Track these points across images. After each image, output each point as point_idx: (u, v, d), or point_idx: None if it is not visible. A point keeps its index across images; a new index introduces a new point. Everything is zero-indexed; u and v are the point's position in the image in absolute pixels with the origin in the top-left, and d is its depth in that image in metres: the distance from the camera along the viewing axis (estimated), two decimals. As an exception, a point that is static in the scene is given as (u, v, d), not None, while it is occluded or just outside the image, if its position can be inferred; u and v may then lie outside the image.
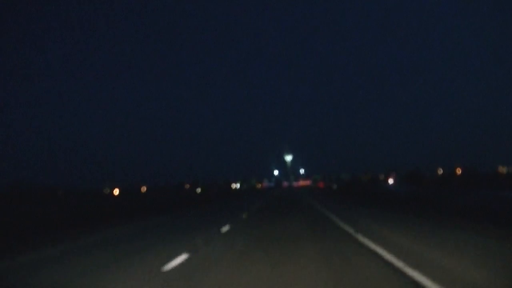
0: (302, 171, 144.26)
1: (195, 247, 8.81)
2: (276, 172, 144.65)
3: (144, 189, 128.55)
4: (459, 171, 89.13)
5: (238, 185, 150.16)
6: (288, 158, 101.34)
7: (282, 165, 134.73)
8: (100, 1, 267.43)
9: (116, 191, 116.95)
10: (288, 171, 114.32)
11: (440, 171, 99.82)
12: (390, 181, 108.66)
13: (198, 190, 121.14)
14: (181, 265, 6.82)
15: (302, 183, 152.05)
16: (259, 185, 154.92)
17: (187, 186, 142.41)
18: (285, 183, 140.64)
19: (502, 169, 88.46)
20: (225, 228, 12.62)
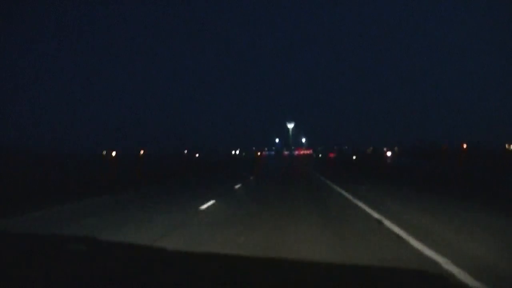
0: (303, 140, 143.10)
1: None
2: (277, 140, 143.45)
3: (142, 152, 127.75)
4: (464, 147, 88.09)
5: (237, 152, 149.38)
6: (290, 126, 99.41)
7: (284, 134, 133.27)
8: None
9: (113, 153, 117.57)
10: (290, 139, 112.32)
11: (445, 147, 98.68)
12: (389, 153, 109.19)
13: (197, 155, 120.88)
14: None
15: (303, 151, 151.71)
16: (258, 154, 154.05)
17: (186, 152, 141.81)
18: (286, 152, 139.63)
19: (509, 147, 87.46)
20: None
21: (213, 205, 10.84)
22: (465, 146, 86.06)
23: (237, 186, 17.78)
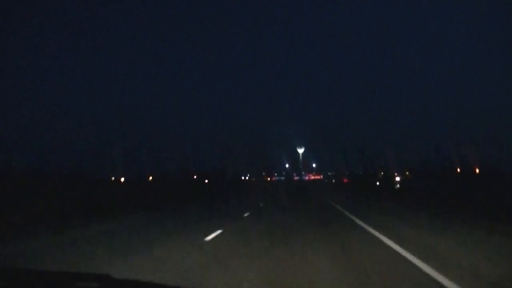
0: (314, 165, 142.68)
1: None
2: (287, 166, 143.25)
3: (150, 178, 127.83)
4: (476, 169, 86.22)
5: (247, 177, 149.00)
6: (300, 151, 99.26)
7: (293, 158, 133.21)
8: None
9: (122, 179, 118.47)
10: (300, 164, 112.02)
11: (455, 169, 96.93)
12: (397, 178, 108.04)
13: (206, 181, 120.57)
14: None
15: (313, 177, 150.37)
16: (267, 179, 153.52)
17: (195, 176, 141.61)
18: (296, 177, 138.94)
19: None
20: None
21: (220, 235, 10.61)
22: (477, 170, 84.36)
23: (246, 215, 17.46)
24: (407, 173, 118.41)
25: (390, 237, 9.03)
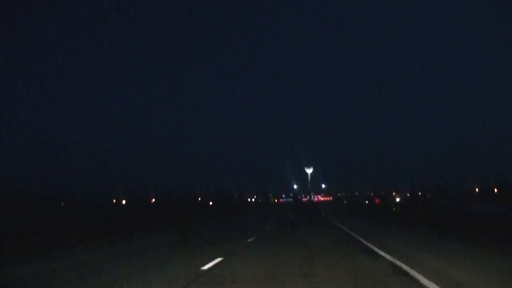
0: (323, 186, 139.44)
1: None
2: (295, 187, 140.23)
3: (152, 200, 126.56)
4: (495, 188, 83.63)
5: (253, 199, 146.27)
6: (309, 171, 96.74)
7: (301, 179, 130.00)
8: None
9: (123, 202, 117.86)
10: (309, 185, 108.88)
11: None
12: (397, 199, 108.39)
13: (210, 203, 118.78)
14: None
15: (322, 198, 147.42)
16: (274, 200, 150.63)
17: (199, 198, 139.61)
18: (305, 199, 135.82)
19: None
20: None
21: (220, 263, 9.08)
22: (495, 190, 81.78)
23: (250, 240, 15.69)
24: (407, 194, 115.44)
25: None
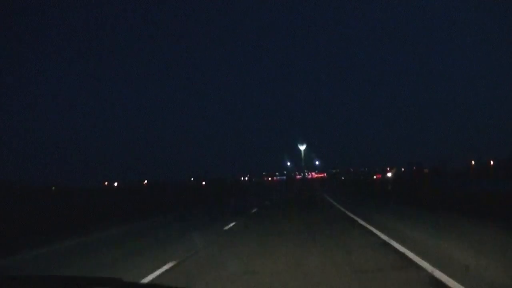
0: (317, 162, 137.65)
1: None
2: (288, 164, 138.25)
3: (145, 183, 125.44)
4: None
5: (246, 179, 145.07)
6: (302, 147, 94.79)
7: (294, 156, 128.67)
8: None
9: (115, 184, 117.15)
10: (302, 162, 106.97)
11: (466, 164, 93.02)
12: (388, 174, 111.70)
13: (203, 183, 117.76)
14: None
15: (316, 175, 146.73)
16: (268, 179, 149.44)
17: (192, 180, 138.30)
18: (299, 176, 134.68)
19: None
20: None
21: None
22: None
23: (231, 225, 14.00)
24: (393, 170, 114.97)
25: None
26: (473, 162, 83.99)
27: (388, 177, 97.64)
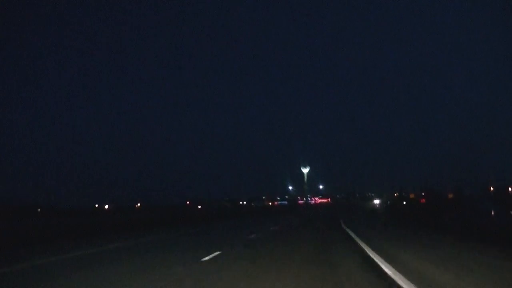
0: (321, 187, 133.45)
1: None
2: (290, 188, 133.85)
3: (138, 206, 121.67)
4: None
5: (245, 203, 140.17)
6: (305, 170, 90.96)
7: (297, 180, 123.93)
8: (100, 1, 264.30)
9: (106, 207, 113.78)
10: (305, 186, 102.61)
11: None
12: (376, 201, 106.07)
13: (199, 207, 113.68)
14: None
15: (320, 200, 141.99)
16: (269, 203, 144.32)
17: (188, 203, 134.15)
18: (301, 201, 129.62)
19: None
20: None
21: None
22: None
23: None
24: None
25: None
26: (491, 188, 79.38)
27: (375, 205, 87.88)
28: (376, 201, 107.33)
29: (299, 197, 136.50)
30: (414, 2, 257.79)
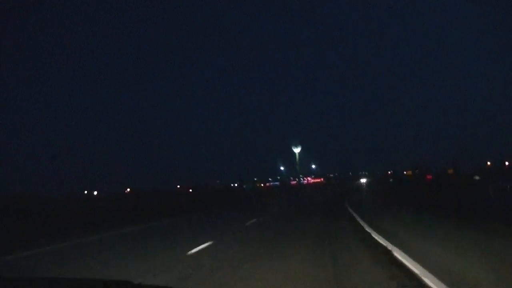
0: (313, 166, 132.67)
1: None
2: (282, 169, 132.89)
3: (128, 191, 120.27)
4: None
5: (236, 185, 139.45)
6: (297, 150, 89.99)
7: (289, 160, 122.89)
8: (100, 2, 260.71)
9: (95, 193, 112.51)
10: (297, 166, 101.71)
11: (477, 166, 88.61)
12: (363, 180, 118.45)
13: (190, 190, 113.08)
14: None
15: (313, 180, 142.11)
16: (261, 185, 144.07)
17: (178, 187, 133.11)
18: (293, 182, 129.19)
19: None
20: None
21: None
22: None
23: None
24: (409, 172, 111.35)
25: None
26: (488, 163, 79.57)
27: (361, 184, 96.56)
28: (363, 180, 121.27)
29: (291, 178, 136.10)
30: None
